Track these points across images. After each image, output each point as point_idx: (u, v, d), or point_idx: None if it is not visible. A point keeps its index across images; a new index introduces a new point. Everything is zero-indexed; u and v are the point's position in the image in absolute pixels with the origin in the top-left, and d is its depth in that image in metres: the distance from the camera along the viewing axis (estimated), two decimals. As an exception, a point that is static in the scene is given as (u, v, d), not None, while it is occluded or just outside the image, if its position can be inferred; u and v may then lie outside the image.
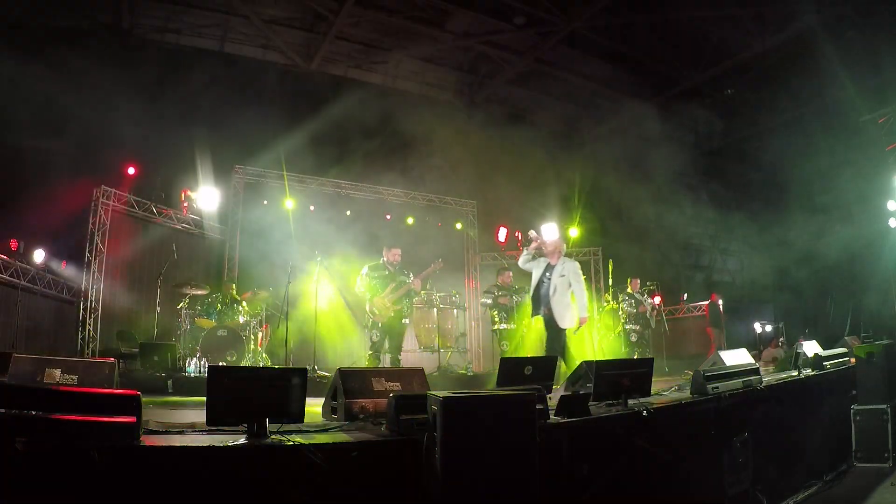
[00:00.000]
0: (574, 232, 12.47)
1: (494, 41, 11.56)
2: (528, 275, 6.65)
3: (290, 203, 10.47)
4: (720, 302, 11.66)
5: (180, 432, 2.75)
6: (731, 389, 4.27)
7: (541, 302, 6.36)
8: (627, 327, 9.62)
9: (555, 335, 6.31)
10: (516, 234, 12.74)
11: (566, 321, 6.22)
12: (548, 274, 6.33)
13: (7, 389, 2.48)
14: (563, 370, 5.84)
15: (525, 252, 6.53)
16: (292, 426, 2.79)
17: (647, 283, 10.36)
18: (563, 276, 6.26)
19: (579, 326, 6.29)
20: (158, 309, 8.37)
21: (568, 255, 6.77)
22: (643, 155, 12.34)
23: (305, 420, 2.87)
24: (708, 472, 3.99)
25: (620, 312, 9.81)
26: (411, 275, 7.15)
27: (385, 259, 7.15)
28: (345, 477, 2.53)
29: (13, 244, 7.68)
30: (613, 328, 10.43)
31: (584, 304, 6.25)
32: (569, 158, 12.96)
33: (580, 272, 6.39)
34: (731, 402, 4.19)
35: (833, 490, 5.05)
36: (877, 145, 11.25)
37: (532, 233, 6.63)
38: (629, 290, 9.87)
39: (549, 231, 6.97)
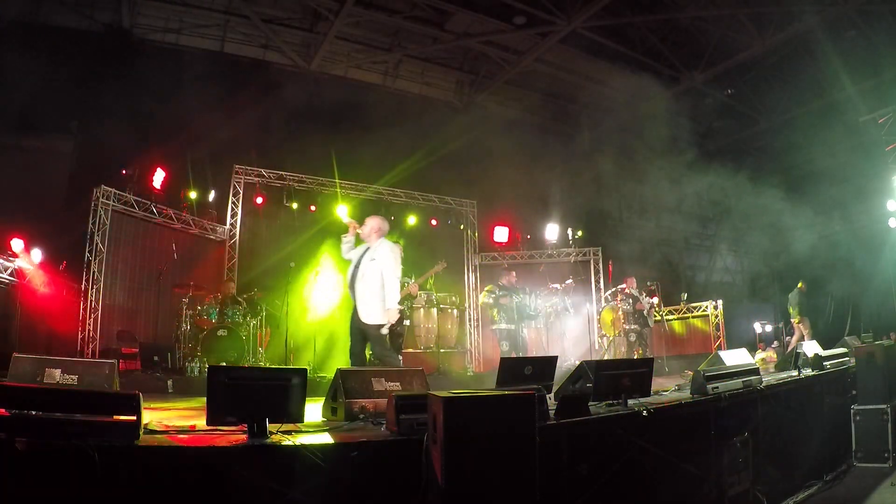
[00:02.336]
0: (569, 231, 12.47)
1: (494, 41, 11.56)
2: (533, 274, 6.45)
3: (289, 203, 10.47)
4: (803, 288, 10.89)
5: (180, 432, 2.76)
6: (731, 389, 4.27)
7: (350, 292, 5.36)
8: (626, 327, 9.59)
9: (356, 332, 5.25)
10: (517, 236, 12.76)
11: (371, 315, 5.12)
12: (360, 258, 5.33)
13: (7, 389, 2.48)
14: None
15: (344, 240, 5.54)
16: (292, 426, 2.79)
17: (647, 283, 10.34)
18: (373, 259, 5.22)
19: (386, 324, 5.16)
20: (158, 309, 8.36)
21: (386, 239, 5.55)
22: (643, 154, 12.33)
23: (305, 420, 2.88)
24: (708, 472, 3.99)
25: (619, 312, 9.79)
26: (413, 277, 7.13)
27: None
28: (345, 477, 2.53)
29: (15, 244, 7.67)
30: (613, 328, 10.42)
31: (392, 295, 5.13)
32: (569, 158, 12.96)
33: (395, 254, 5.31)
34: (731, 402, 4.19)
35: (833, 490, 5.05)
36: (877, 145, 11.26)
37: (344, 218, 5.71)
38: (626, 289, 9.84)
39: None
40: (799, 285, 10.74)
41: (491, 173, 11.80)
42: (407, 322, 7.28)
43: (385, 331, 5.22)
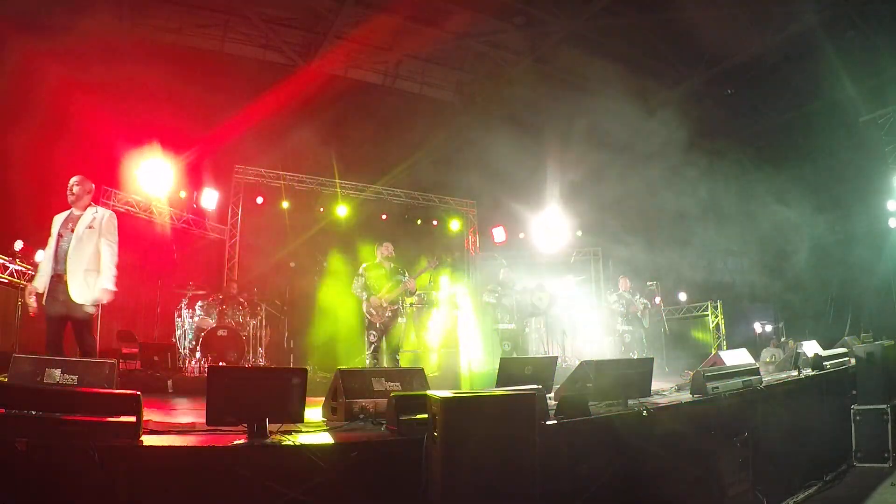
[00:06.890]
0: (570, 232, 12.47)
1: (494, 41, 11.55)
2: (533, 274, 6.32)
3: (289, 203, 10.47)
4: None
5: (180, 432, 2.76)
6: (731, 389, 4.27)
7: (50, 265, 4.52)
8: (620, 328, 9.57)
9: (59, 318, 4.55)
10: (516, 236, 12.76)
11: (85, 294, 4.51)
12: (70, 225, 4.58)
13: (7, 389, 2.48)
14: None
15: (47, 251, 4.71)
16: (292, 426, 2.79)
17: (647, 284, 10.32)
18: (91, 228, 4.58)
19: (97, 304, 4.60)
20: (158, 309, 8.35)
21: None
22: (643, 154, 12.32)
23: (305, 420, 2.88)
24: (708, 472, 3.98)
25: (614, 313, 9.76)
26: (406, 274, 7.07)
27: (380, 258, 7.06)
28: (345, 477, 2.53)
29: (15, 245, 7.67)
30: (611, 329, 10.41)
31: (111, 270, 4.58)
32: (569, 158, 12.95)
33: (115, 224, 4.69)
34: (731, 402, 4.19)
35: (833, 490, 5.05)
36: (877, 145, 11.25)
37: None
38: (620, 289, 9.81)
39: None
40: None
41: (491, 173, 11.80)
42: (402, 320, 7.23)
43: (91, 310, 4.55)
